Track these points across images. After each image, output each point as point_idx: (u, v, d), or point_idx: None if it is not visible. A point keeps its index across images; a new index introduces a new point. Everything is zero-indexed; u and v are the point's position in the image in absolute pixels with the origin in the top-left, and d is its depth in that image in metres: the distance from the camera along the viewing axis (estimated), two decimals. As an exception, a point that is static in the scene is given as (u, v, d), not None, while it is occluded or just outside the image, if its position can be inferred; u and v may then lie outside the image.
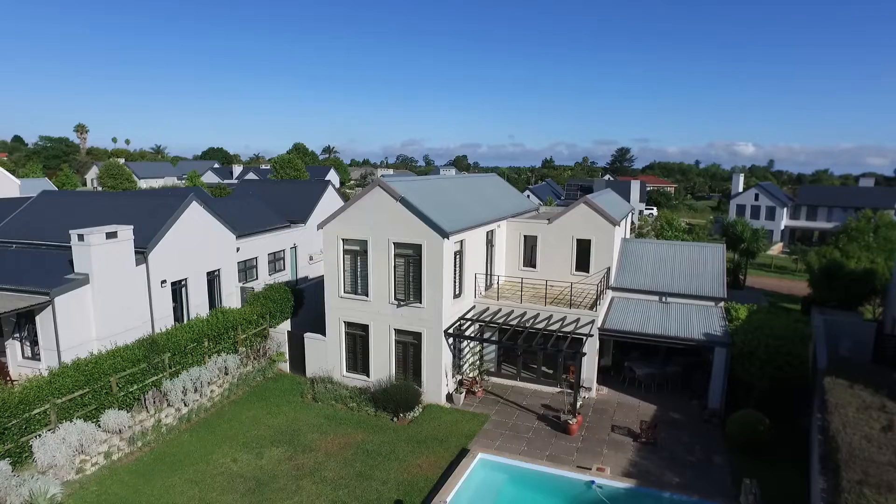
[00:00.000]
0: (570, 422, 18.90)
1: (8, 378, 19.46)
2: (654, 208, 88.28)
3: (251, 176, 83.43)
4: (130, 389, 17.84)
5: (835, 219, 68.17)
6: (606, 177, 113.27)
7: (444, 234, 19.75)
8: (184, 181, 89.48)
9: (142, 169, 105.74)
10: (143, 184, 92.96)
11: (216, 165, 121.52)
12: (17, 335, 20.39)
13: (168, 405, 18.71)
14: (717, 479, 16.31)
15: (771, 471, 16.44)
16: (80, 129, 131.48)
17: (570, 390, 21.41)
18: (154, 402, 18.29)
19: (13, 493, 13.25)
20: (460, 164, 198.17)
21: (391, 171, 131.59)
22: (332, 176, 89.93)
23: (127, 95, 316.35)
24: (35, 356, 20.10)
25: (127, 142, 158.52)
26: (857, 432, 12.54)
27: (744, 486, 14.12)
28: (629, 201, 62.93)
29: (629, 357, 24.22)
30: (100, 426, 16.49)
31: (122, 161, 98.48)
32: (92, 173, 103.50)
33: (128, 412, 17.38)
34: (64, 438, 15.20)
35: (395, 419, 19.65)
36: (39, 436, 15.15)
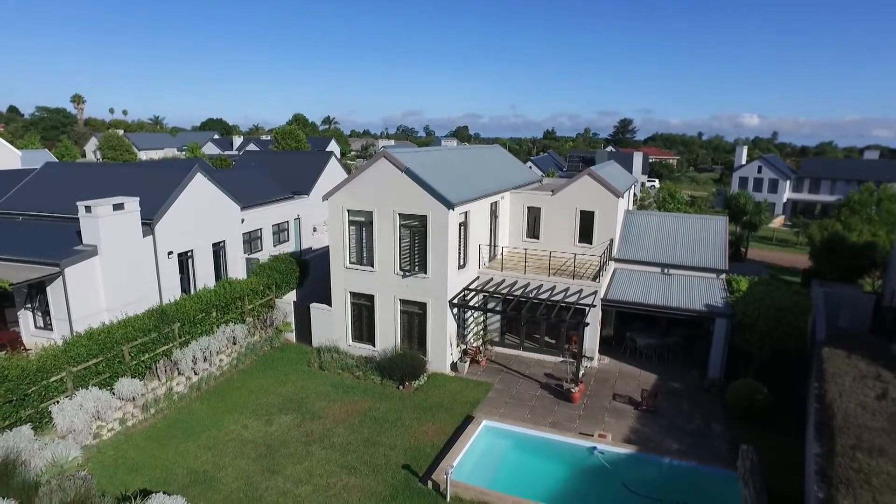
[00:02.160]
0: (573, 390, 19.33)
1: (22, 347, 19.85)
2: (657, 180, 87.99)
3: (252, 147, 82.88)
4: (142, 358, 18.21)
5: (838, 192, 67.94)
6: (608, 148, 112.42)
7: (449, 206, 19.86)
8: (184, 152, 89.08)
9: (141, 140, 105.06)
10: (143, 155, 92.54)
11: (216, 136, 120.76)
12: (29, 305, 20.69)
13: (179, 374, 19.10)
14: (716, 445, 16.77)
15: (768, 438, 16.87)
16: (77, 99, 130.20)
17: (572, 360, 21.82)
18: (165, 370, 18.67)
19: (37, 456, 13.68)
20: (461, 134, 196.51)
21: (392, 142, 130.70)
22: (333, 147, 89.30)
23: (123, 64, 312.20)
24: (47, 326, 20.43)
25: (124, 112, 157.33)
26: (852, 400, 12.89)
27: (741, 452, 14.54)
28: (631, 173, 62.72)
29: (631, 327, 24.59)
30: (114, 393, 16.90)
31: (121, 132, 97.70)
32: (91, 144, 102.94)
33: (140, 380, 17.77)
34: (81, 405, 15.62)
35: (400, 387, 20.08)
36: (57, 402, 15.57)
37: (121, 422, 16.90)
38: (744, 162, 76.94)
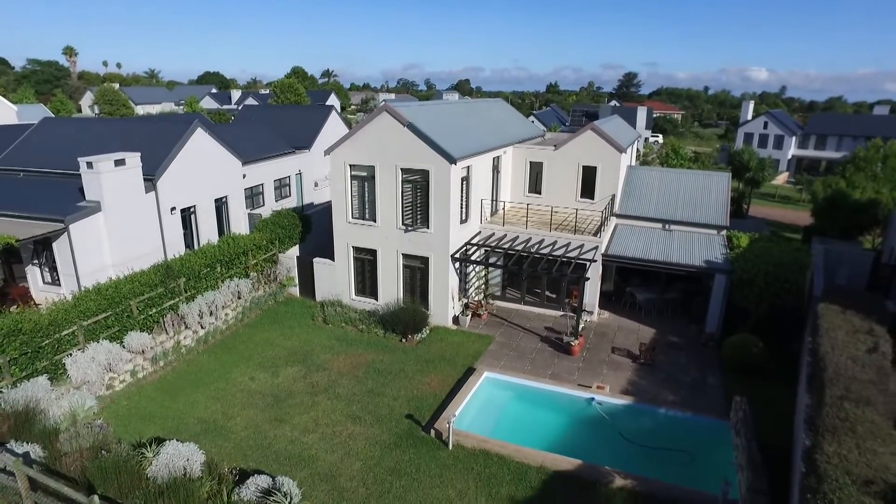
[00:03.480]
0: (573, 343, 19.74)
1: (33, 302, 20.20)
2: (660, 136, 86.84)
3: (250, 101, 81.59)
4: (150, 313, 18.54)
5: (844, 148, 66.84)
6: (612, 103, 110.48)
7: (452, 160, 19.79)
8: (182, 107, 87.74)
9: (137, 94, 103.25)
10: (140, 110, 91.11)
11: (214, 90, 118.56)
12: (36, 261, 20.92)
13: (186, 327, 19.48)
14: (711, 397, 17.26)
15: (762, 390, 17.35)
16: (69, 52, 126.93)
17: (572, 314, 22.19)
18: (172, 324, 19.03)
19: (54, 405, 14.17)
20: (463, 88, 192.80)
21: (392, 96, 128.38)
22: (333, 100, 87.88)
23: (115, 14, 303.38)
24: (55, 281, 20.71)
25: (118, 66, 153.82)
26: (844, 354, 13.17)
27: (734, 404, 15.00)
28: (635, 128, 61.84)
29: (630, 283, 24.87)
30: (124, 347, 17.29)
31: (116, 86, 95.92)
32: (86, 99, 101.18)
33: (149, 334, 18.13)
34: (93, 357, 16.02)
35: (403, 340, 20.50)
36: (70, 355, 15.97)
37: (132, 374, 17.37)
38: (750, 117, 75.75)
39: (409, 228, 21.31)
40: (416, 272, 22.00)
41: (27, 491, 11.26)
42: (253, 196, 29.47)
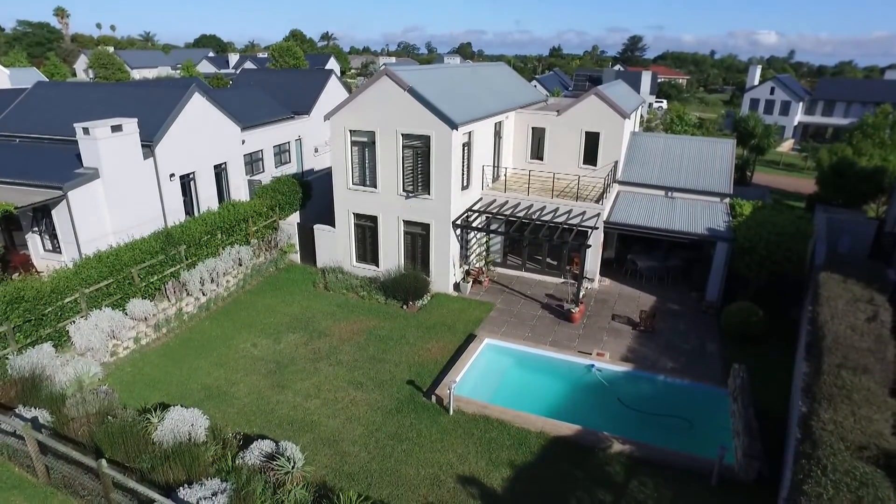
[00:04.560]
0: (573, 310, 19.82)
1: (34, 269, 20.23)
2: (664, 101, 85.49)
3: (248, 65, 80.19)
4: (151, 280, 18.57)
5: (852, 114, 65.54)
6: (616, 67, 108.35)
7: (453, 126, 19.50)
8: (179, 71, 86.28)
9: (133, 58, 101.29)
10: (136, 74, 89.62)
11: (211, 54, 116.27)
12: (36, 229, 20.85)
13: (188, 294, 19.54)
14: (710, 364, 17.40)
15: (760, 358, 17.47)
16: (60, 13, 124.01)
17: (573, 281, 22.23)
18: (174, 291, 19.08)
19: (60, 372, 14.34)
20: (465, 51, 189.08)
21: (393, 60, 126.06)
22: (332, 64, 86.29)
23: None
24: (56, 249, 20.68)
25: (112, 28, 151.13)
26: (843, 322, 13.20)
27: (732, 371, 15.15)
28: (639, 93, 60.86)
29: (632, 250, 24.84)
30: (126, 314, 17.38)
31: (111, 49, 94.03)
32: (80, 62, 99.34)
33: (151, 301, 18.21)
34: (96, 324, 16.12)
35: (404, 307, 20.59)
36: (74, 322, 16.06)
37: (135, 340, 17.51)
38: (756, 83, 74.27)
39: (410, 195, 21.16)
40: (417, 239, 21.94)
41: (37, 454, 11.50)
42: (252, 162, 29.20)
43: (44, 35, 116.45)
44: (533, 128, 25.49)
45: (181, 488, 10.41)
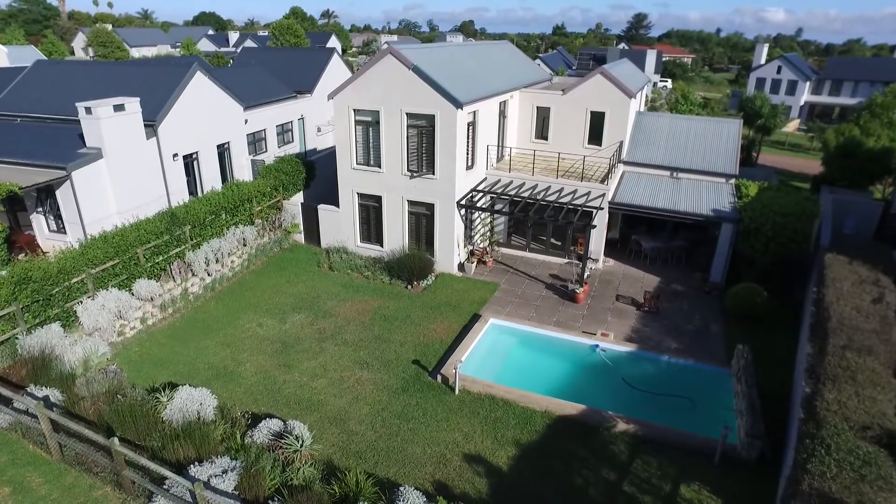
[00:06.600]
0: (577, 291, 19.86)
1: (39, 250, 20.28)
2: (669, 80, 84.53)
3: (249, 44, 79.30)
4: (157, 260, 18.61)
5: (860, 94, 64.63)
6: (621, 45, 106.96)
7: (458, 105, 19.34)
8: (178, 50, 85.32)
9: (132, 36, 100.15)
10: (136, 52, 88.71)
11: (210, 32, 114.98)
12: (41, 209, 20.85)
13: (193, 275, 19.61)
14: (713, 345, 17.47)
15: (764, 339, 17.53)
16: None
17: (577, 261, 22.24)
18: (180, 272, 19.15)
19: (69, 352, 14.46)
20: (467, 29, 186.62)
21: (395, 38, 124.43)
22: (334, 43, 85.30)
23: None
24: (61, 229, 20.71)
25: (110, 5, 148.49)
26: (848, 304, 13.22)
27: (736, 352, 15.22)
28: (644, 72, 60.10)
29: (636, 231, 24.79)
30: (133, 294, 17.46)
31: (109, 27, 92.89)
32: (78, 41, 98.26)
33: (156, 281, 18.28)
34: (103, 305, 16.20)
35: (409, 287, 20.65)
36: (81, 302, 16.15)
37: (142, 321, 17.61)
38: (763, 62, 73.33)
39: (415, 174, 21.07)
40: (422, 219, 21.91)
41: (50, 432, 11.65)
42: (255, 142, 29.05)
43: (40, 12, 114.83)
44: (538, 107, 25.27)
45: (192, 466, 10.57)
